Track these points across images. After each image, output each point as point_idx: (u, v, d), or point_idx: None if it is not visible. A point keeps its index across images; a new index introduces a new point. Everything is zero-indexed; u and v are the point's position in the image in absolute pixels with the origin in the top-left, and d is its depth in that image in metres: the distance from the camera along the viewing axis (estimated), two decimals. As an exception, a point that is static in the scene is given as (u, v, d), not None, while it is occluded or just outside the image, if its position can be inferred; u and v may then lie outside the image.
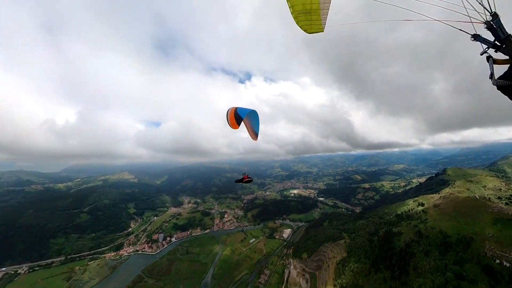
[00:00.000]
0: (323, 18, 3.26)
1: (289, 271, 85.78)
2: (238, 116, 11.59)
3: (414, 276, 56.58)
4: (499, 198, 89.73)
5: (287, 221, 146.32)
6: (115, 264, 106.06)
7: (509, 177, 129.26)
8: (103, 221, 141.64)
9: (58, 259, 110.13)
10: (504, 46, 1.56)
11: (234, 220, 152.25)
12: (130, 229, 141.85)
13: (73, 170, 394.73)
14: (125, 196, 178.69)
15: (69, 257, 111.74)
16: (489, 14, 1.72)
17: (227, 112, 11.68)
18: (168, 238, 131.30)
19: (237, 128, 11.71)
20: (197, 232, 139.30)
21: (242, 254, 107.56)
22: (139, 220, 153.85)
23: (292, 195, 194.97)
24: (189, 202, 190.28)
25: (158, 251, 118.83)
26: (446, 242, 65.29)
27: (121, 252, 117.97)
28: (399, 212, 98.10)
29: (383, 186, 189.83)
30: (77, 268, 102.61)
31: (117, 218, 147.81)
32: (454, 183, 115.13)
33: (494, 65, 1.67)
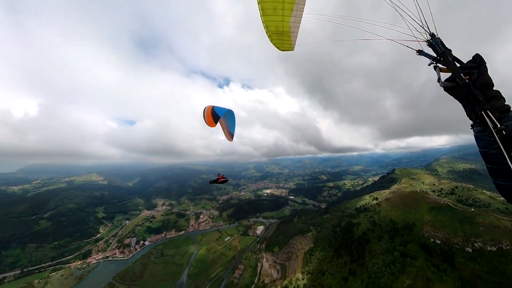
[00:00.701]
0: (293, 39, 3.52)
1: (262, 264, 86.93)
2: (215, 114, 11.00)
3: (369, 258, 62.31)
4: (433, 191, 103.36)
5: (261, 219, 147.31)
6: (82, 274, 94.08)
7: (440, 175, 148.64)
8: (67, 227, 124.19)
9: (12, 273, 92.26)
10: (442, 59, 2.08)
11: (210, 220, 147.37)
12: (99, 234, 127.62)
13: (31, 171, 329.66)
14: (93, 199, 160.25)
15: (25, 270, 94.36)
16: (429, 34, 2.20)
17: (204, 110, 11.06)
18: (142, 242, 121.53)
19: (214, 126, 11.08)
20: (172, 234, 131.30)
21: (217, 252, 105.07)
22: (109, 224, 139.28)
23: (265, 194, 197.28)
24: (163, 204, 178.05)
25: (131, 255, 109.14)
26: (395, 228, 72.88)
27: (89, 260, 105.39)
28: (357, 206, 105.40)
29: (345, 184, 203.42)
30: (36, 281, 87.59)
31: (84, 223, 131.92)
32: (400, 181, 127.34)
33: (440, 72, 2.09)
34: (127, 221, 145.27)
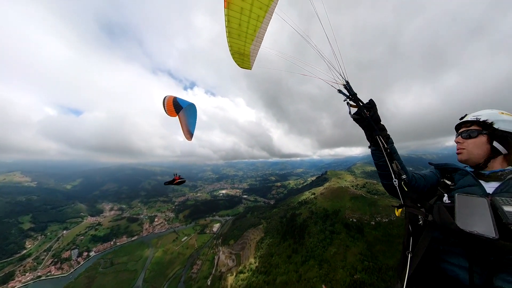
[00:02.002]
0: (252, 61, 3.81)
1: (219, 257, 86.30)
2: (177, 104, 9.58)
3: (308, 238, 70.95)
4: (352, 186, 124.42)
5: (217, 217, 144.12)
6: (2, 303, 69.08)
7: (356, 175, 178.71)
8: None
9: None
10: (352, 98, 2.22)
11: (165, 223, 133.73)
12: (25, 251, 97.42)
13: None
14: (16, 206, 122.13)
15: None
16: (345, 80, 2.40)
17: (164, 98, 9.46)
18: (85, 253, 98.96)
19: (174, 115, 9.60)
20: (123, 240, 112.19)
21: (175, 252, 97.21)
22: (39, 237, 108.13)
23: (221, 194, 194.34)
24: (111, 209, 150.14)
25: (72, 270, 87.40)
26: (326, 214, 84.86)
27: (12, 284, 78.38)
28: (300, 200, 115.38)
29: (290, 184, 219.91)
30: None
31: (3, 238, 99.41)
32: (331, 180, 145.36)
33: (350, 107, 2.22)
34: (64, 231, 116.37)
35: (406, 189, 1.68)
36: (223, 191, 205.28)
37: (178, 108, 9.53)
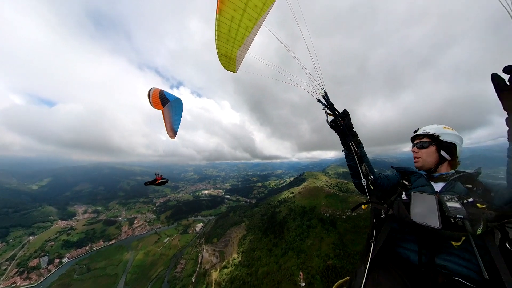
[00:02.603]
0: (237, 65, 3.71)
1: (202, 255, 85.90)
2: (163, 97, 8.87)
3: (287, 233, 74.85)
4: (327, 185, 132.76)
5: (200, 217, 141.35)
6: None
7: (330, 175, 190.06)
8: None
9: None
10: (329, 107, 2.42)
11: (146, 224, 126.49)
12: None
13: None
14: None
15: None
16: (324, 91, 2.50)
17: (150, 90, 8.74)
18: (57, 260, 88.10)
19: (160, 108, 8.88)
20: (100, 245, 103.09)
21: (157, 254, 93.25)
22: None
23: (204, 195, 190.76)
24: (85, 212, 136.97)
25: (42, 280, 77.47)
26: (304, 211, 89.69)
27: None
28: (279, 199, 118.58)
29: (270, 184, 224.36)
30: None
31: None
32: (308, 180, 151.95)
33: (328, 115, 2.42)
34: (31, 237, 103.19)
35: (372, 188, 1.93)
36: (206, 192, 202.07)
37: (165, 101, 8.81)
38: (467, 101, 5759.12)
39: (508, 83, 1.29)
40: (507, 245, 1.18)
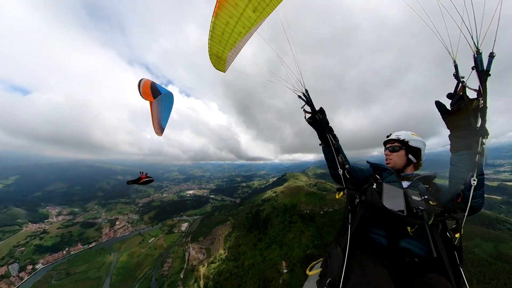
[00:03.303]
0: (227, 66, 3.72)
1: (189, 253, 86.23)
2: (155, 89, 8.18)
3: (270, 229, 79.12)
4: (307, 185, 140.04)
5: (185, 217, 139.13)
6: None
7: (310, 176, 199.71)
8: None
9: None
10: (308, 104, 2.48)
11: (129, 226, 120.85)
12: None
13: None
14: None
15: None
16: (304, 89, 2.62)
17: (140, 81, 8.09)
18: (30, 267, 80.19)
19: (151, 99, 8.22)
20: (79, 248, 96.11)
21: (142, 254, 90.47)
22: None
23: (188, 195, 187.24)
24: (59, 214, 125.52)
25: None
26: (286, 208, 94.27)
27: None
28: (263, 198, 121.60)
29: (254, 184, 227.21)
30: None
31: None
32: (289, 180, 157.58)
33: (306, 113, 2.52)
34: None
35: (348, 177, 2.19)
36: (190, 192, 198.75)
37: (156, 93, 8.18)
38: (422, 114, 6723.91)
39: (449, 108, 1.74)
40: (447, 234, 1.66)
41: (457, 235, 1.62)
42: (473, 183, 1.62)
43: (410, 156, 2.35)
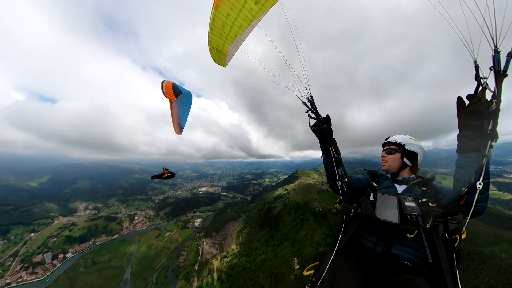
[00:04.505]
0: (227, 60, 3.62)
1: (203, 247, 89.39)
2: (176, 89, 8.77)
3: (282, 226, 79.58)
4: (319, 182, 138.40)
5: (198, 213, 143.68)
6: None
7: (321, 174, 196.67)
8: None
9: None
10: (313, 111, 2.51)
11: (146, 220, 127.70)
12: None
13: None
14: None
15: None
16: (310, 95, 2.62)
17: (163, 82, 8.67)
18: (61, 255, 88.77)
19: (173, 98, 8.74)
20: (103, 239, 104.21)
21: (159, 247, 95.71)
22: (1, 242, 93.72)
23: (201, 192, 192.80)
24: (85, 209, 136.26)
25: (48, 274, 78.03)
26: (298, 206, 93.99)
27: None
28: (274, 195, 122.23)
29: (265, 181, 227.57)
30: None
31: None
32: (301, 178, 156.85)
33: (310, 119, 2.56)
34: (32, 234, 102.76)
35: (345, 189, 2.29)
36: (203, 189, 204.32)
37: (177, 92, 8.76)
38: (442, 107, 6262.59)
39: (467, 106, 1.73)
40: (446, 235, 1.66)
41: (456, 237, 1.64)
42: (479, 187, 1.60)
43: (405, 159, 2.38)
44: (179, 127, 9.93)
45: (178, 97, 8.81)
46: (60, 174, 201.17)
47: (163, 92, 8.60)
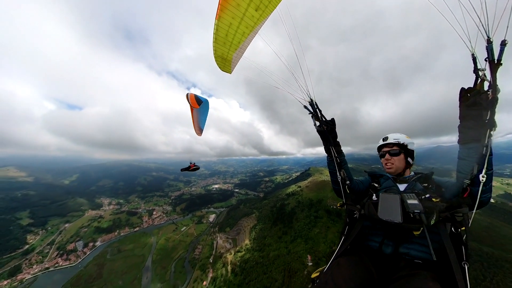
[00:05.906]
0: (232, 67, 3.72)
1: (217, 242, 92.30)
2: (198, 99, 10.05)
3: (296, 222, 79.48)
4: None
5: (212, 209, 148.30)
6: (17, 293, 67.64)
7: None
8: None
9: None
10: (315, 115, 2.53)
11: (164, 215, 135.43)
12: (28, 245, 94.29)
13: None
14: (12, 202, 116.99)
15: None
16: (310, 99, 2.65)
17: (187, 94, 10.05)
18: (91, 244, 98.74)
19: (197, 107, 10.06)
20: (126, 231, 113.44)
21: (176, 240, 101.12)
22: (40, 232, 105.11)
23: (214, 189, 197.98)
24: (110, 204, 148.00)
25: (80, 260, 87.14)
26: (311, 203, 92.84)
27: (21, 276, 76.25)
28: (287, 192, 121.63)
29: (277, 178, 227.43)
30: None
31: (1, 235, 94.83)
32: (314, 175, 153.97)
33: (315, 121, 2.60)
34: (66, 225, 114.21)
35: (348, 192, 2.32)
36: (216, 186, 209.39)
37: (199, 101, 10.07)
38: None
39: (469, 98, 1.71)
40: (452, 229, 1.65)
41: (462, 229, 1.61)
42: (482, 179, 1.60)
43: (409, 159, 2.41)
44: (200, 130, 11.12)
45: (200, 105, 10.05)
46: (86, 173, 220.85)
47: (189, 103, 9.88)
